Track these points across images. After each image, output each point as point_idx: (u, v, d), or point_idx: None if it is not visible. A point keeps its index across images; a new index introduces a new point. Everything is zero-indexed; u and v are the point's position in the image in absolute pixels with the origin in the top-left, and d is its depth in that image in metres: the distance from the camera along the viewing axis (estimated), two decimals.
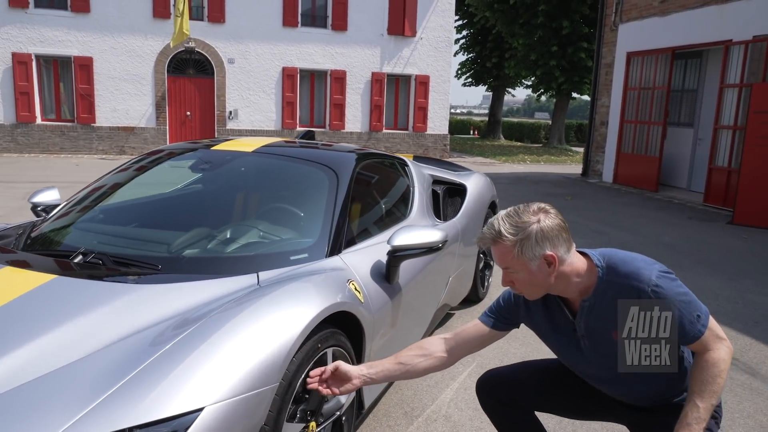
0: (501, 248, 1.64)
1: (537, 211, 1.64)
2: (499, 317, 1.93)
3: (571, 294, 1.71)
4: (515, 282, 1.69)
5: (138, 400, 1.44)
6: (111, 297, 1.91)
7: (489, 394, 2.01)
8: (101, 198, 2.93)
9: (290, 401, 1.76)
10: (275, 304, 1.83)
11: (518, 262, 1.63)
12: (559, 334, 1.83)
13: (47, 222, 2.74)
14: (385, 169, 3.50)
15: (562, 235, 1.64)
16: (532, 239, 1.60)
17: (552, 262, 1.62)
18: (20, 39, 15.19)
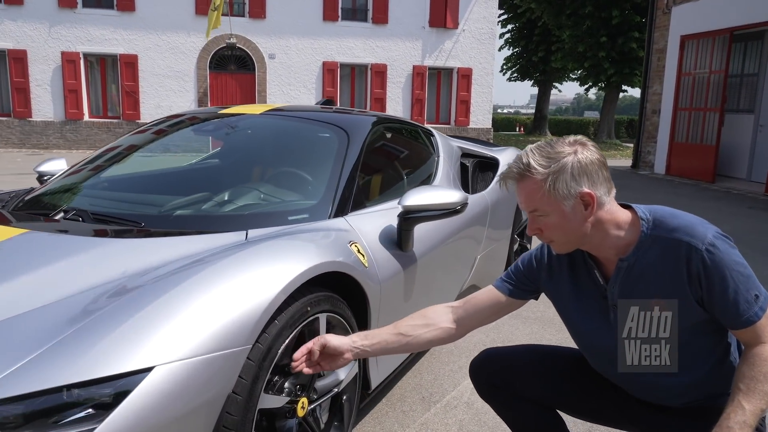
0: (529, 184, 1.35)
1: (573, 142, 1.37)
2: (516, 282, 1.63)
3: (607, 251, 1.41)
4: (543, 229, 1.40)
5: (77, 356, 1.23)
6: (78, 250, 1.71)
7: (483, 376, 1.71)
8: (101, 166, 2.76)
9: (269, 369, 1.52)
10: (254, 257, 1.59)
11: (549, 200, 1.34)
12: (584, 303, 1.51)
13: (44, 186, 2.60)
14: (406, 136, 3.24)
15: (602, 172, 1.35)
16: (567, 172, 1.32)
17: (590, 202, 1.34)
18: (69, 38, 15.60)
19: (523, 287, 1.62)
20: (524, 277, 1.62)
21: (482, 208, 3.27)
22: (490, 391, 1.71)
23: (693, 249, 1.29)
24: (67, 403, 1.18)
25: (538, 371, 1.67)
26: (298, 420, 1.71)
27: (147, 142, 2.91)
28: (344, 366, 1.57)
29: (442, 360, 2.95)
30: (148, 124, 3.09)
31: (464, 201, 2.27)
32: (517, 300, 1.63)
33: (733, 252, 1.31)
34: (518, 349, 1.76)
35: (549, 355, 1.74)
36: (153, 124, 3.02)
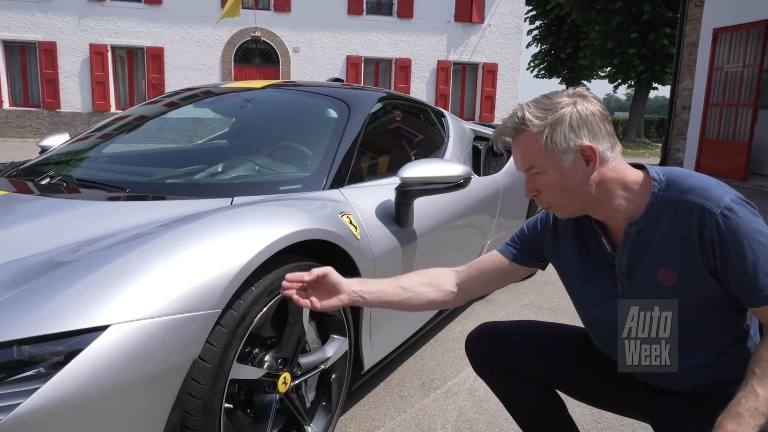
0: (524, 139, 1.24)
1: (572, 93, 1.25)
2: (521, 247, 1.51)
3: (614, 215, 1.28)
4: (541, 189, 1.27)
5: (29, 312, 1.15)
6: (52, 211, 1.65)
7: (478, 350, 1.58)
8: (98, 139, 2.71)
9: (243, 337, 1.42)
10: (231, 219, 1.49)
11: (546, 155, 1.22)
12: (590, 273, 1.38)
13: (40, 156, 2.56)
14: (415, 114, 3.12)
15: (604, 126, 1.23)
16: (565, 123, 1.20)
17: (591, 157, 1.21)
18: (97, 31, 15.81)
19: (528, 252, 1.50)
20: (529, 241, 1.50)
21: (492, 191, 3.14)
22: (486, 366, 1.58)
23: (706, 212, 1.16)
24: (17, 361, 1.11)
25: (538, 347, 1.54)
26: (279, 396, 1.62)
27: (151, 115, 2.86)
28: (337, 308, 1.44)
29: (447, 347, 2.83)
30: (146, 102, 3.03)
31: (467, 175, 2.15)
32: (521, 266, 1.52)
33: (755, 220, 1.16)
34: (518, 324, 1.63)
35: (551, 331, 1.61)
36: (149, 102, 2.96)
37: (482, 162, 3.52)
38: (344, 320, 1.84)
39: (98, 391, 1.13)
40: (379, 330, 2.10)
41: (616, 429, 2.13)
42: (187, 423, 1.32)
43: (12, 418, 1.04)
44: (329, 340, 1.84)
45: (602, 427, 2.14)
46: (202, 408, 1.33)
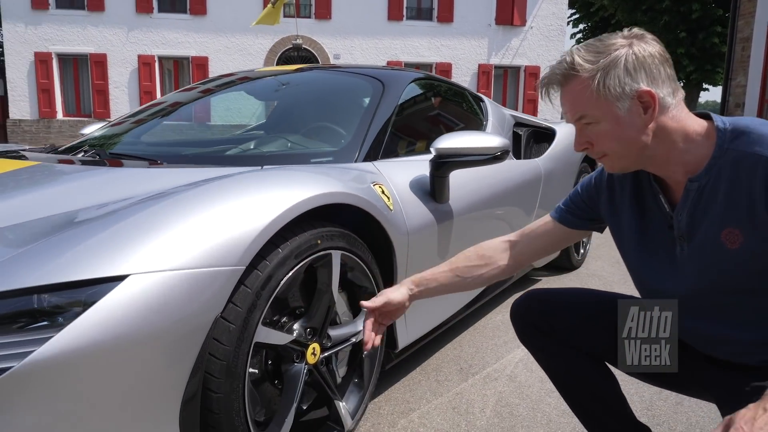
0: (573, 86, 1.12)
1: (628, 35, 1.12)
2: (574, 209, 1.41)
3: (674, 170, 1.15)
4: (593, 141, 1.15)
5: (48, 260, 1.12)
6: (83, 177, 1.64)
7: (524, 317, 1.46)
8: (139, 121, 2.74)
9: (269, 299, 1.37)
10: (258, 180, 1.45)
11: (598, 103, 1.10)
12: (647, 235, 1.26)
13: (79, 138, 2.60)
14: (452, 97, 3.04)
15: (665, 69, 1.10)
16: (619, 66, 1.08)
17: (650, 103, 1.08)
18: (145, 42, 16.32)
19: (582, 214, 1.40)
20: (583, 202, 1.39)
21: (533, 175, 3.03)
22: (531, 333, 1.45)
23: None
24: (35, 309, 1.08)
25: (590, 316, 1.41)
26: (308, 367, 1.56)
27: (189, 100, 2.88)
28: (401, 314, 1.44)
29: (487, 335, 2.72)
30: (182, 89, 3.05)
31: (505, 147, 2.05)
32: (575, 230, 1.42)
33: None
34: (569, 291, 1.51)
35: (605, 299, 1.45)
36: (187, 89, 2.98)
37: (523, 147, 3.41)
38: (377, 293, 1.77)
39: (115, 342, 1.09)
40: (415, 308, 2.00)
41: (668, 417, 1.98)
42: (209, 385, 1.27)
43: (26, 365, 1.01)
44: (361, 313, 1.77)
45: (653, 414, 2.00)
46: (226, 370, 1.28)
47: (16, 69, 15.99)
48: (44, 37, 15.90)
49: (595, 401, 1.45)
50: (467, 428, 1.89)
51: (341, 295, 1.74)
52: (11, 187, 1.58)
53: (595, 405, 1.45)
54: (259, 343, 1.37)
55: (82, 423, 1.09)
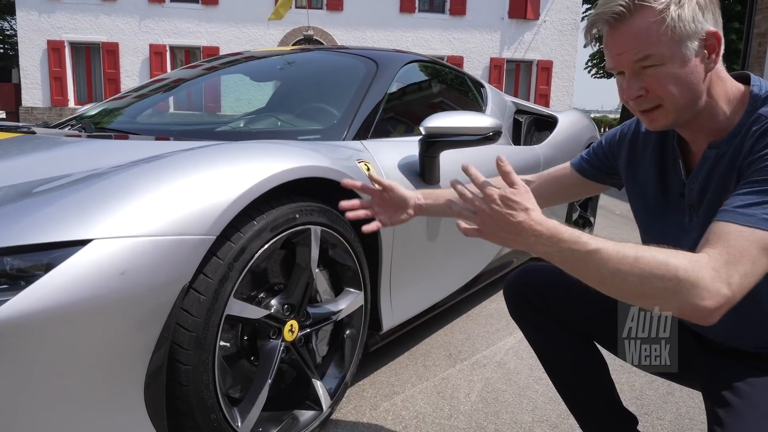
0: (641, 19, 0.97)
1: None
2: (593, 159, 1.36)
3: (700, 133, 1.08)
4: (653, 85, 1.00)
5: (12, 223, 1.10)
6: (60, 147, 1.62)
7: (517, 291, 1.40)
8: (136, 98, 2.72)
9: (242, 271, 1.34)
10: (234, 150, 1.42)
11: (670, 40, 0.96)
12: (660, 200, 1.19)
13: (74, 114, 2.59)
14: (451, 80, 3.00)
15: (718, 13, 1.01)
16: (695, 1, 0.96)
17: (715, 47, 0.98)
18: (156, 31, 16.36)
19: (600, 166, 1.35)
20: (603, 155, 1.33)
21: (531, 161, 2.98)
22: (523, 309, 1.40)
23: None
24: None
25: (584, 293, 1.35)
26: (285, 344, 1.53)
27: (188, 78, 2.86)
28: (403, 221, 1.40)
29: (480, 322, 2.69)
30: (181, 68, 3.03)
31: (497, 128, 2.01)
32: (590, 181, 1.38)
33: None
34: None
35: None
36: (185, 67, 2.96)
37: (523, 134, 3.36)
38: (359, 273, 1.74)
39: (77, 307, 1.06)
40: (402, 289, 1.99)
41: (657, 406, 1.94)
42: (177, 356, 1.25)
43: None
44: (343, 292, 1.74)
45: (642, 403, 1.96)
46: (195, 342, 1.26)
47: (30, 57, 16.10)
48: (57, 25, 15.99)
49: (582, 383, 1.40)
50: (450, 412, 1.86)
51: (323, 273, 1.71)
52: None
53: (581, 387, 1.41)
54: (231, 315, 1.35)
55: (40, 388, 1.07)
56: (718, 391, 1.12)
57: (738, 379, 1.11)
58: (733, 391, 1.09)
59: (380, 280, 1.86)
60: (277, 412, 1.60)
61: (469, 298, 2.88)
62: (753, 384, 1.08)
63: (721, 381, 1.13)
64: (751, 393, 1.07)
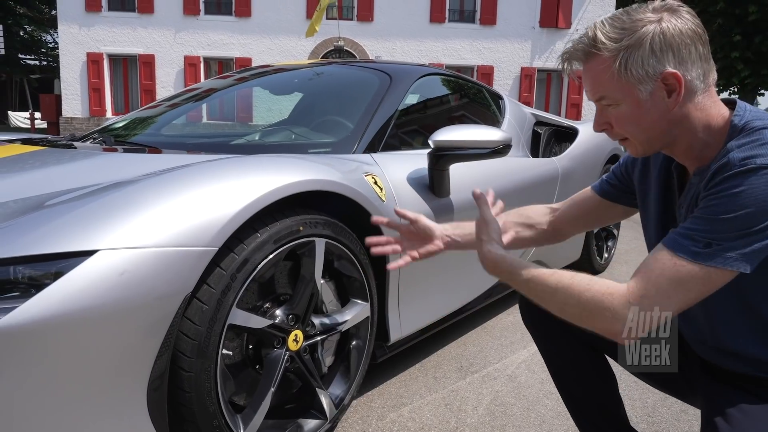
0: (594, 65, 1.03)
1: (659, 8, 1.01)
2: (611, 179, 1.36)
3: (688, 159, 1.09)
4: (613, 122, 1.07)
5: (22, 234, 1.16)
6: (74, 161, 1.70)
7: (530, 301, 1.41)
8: (157, 112, 2.81)
9: (244, 282, 1.38)
10: (237, 164, 1.46)
11: (620, 85, 1.01)
12: (661, 220, 1.21)
13: (99, 127, 2.69)
14: (467, 93, 3.01)
15: (697, 48, 0.99)
16: (645, 46, 0.98)
17: (675, 87, 0.99)
18: (191, 43, 16.76)
19: (619, 185, 1.35)
20: (622, 174, 1.34)
21: (549, 174, 2.97)
22: (535, 316, 1.42)
23: (730, 163, 0.94)
24: (11, 280, 1.12)
25: None
26: (290, 353, 1.57)
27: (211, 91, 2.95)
28: (434, 253, 1.37)
29: (493, 335, 2.68)
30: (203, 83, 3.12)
31: (506, 141, 2.02)
32: (611, 203, 1.37)
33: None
34: None
35: None
36: (202, 84, 3.04)
37: (542, 146, 3.35)
38: (365, 284, 1.77)
39: (82, 314, 1.12)
40: (410, 301, 2.01)
41: (669, 424, 1.91)
42: (180, 363, 1.29)
43: None
44: (349, 303, 1.77)
45: (654, 420, 1.93)
46: (197, 349, 1.30)
47: (70, 69, 16.68)
48: (96, 38, 16.54)
49: (588, 396, 1.40)
50: (456, 425, 1.86)
51: (329, 284, 1.74)
52: (10, 169, 1.65)
53: (586, 398, 1.41)
54: (234, 325, 1.39)
55: (46, 392, 1.12)
56: (712, 416, 1.11)
57: (732, 405, 1.10)
58: (726, 417, 1.09)
59: (388, 292, 1.88)
60: (281, 420, 1.63)
61: (484, 310, 2.88)
62: (746, 412, 1.08)
63: (716, 405, 1.13)
64: (743, 421, 1.06)
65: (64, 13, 16.39)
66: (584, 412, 1.43)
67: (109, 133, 2.42)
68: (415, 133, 2.42)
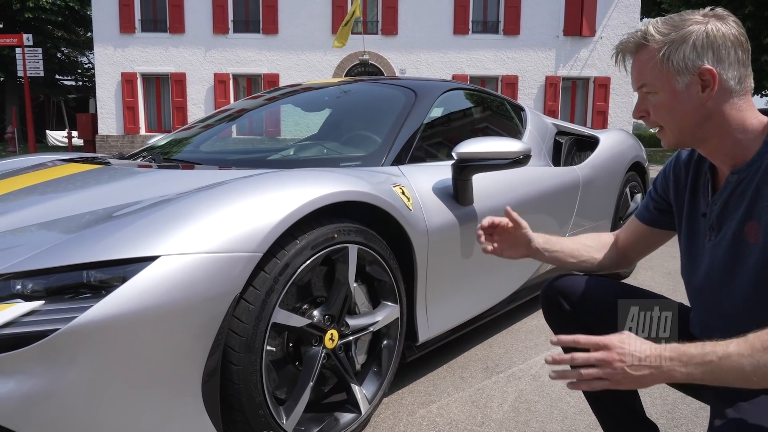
0: (642, 55, 1.16)
1: (709, 13, 1.13)
2: (648, 202, 1.45)
3: (722, 158, 1.19)
4: (650, 110, 1.18)
5: (95, 242, 1.33)
6: (132, 177, 1.88)
7: (552, 294, 1.51)
8: (199, 130, 3.00)
9: (286, 284, 1.53)
10: (278, 177, 1.62)
11: (660, 73, 1.13)
12: (692, 224, 1.30)
13: (144, 146, 2.88)
14: (489, 106, 3.14)
15: (737, 53, 1.10)
16: (688, 42, 1.10)
17: (709, 82, 1.10)
18: (221, 61, 17.22)
19: (656, 206, 1.43)
20: (657, 194, 1.43)
21: (570, 182, 3.06)
22: (554, 313, 1.51)
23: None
24: (84, 283, 1.28)
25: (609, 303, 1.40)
26: (326, 351, 1.70)
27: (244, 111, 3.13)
28: (513, 258, 1.51)
29: (519, 337, 2.78)
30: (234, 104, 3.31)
31: (526, 152, 2.14)
32: (654, 229, 1.46)
33: None
34: (601, 279, 1.53)
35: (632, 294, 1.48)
36: (238, 103, 3.22)
37: (563, 155, 3.45)
38: (395, 288, 1.89)
39: (146, 313, 1.27)
40: (437, 304, 2.13)
41: (688, 420, 1.99)
42: (230, 357, 1.44)
43: (69, 327, 1.20)
44: (380, 305, 1.90)
45: (674, 416, 2.01)
46: (245, 345, 1.45)
47: (105, 88, 17.28)
48: (130, 58, 17.13)
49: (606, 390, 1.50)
50: (482, 420, 1.97)
51: (361, 287, 1.87)
52: (76, 185, 1.84)
53: (607, 392, 1.50)
54: (277, 323, 1.53)
55: (115, 383, 1.27)
56: (722, 407, 1.18)
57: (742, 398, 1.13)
58: (736, 408, 1.15)
59: (416, 295, 2.00)
60: (319, 414, 1.77)
61: (510, 314, 2.98)
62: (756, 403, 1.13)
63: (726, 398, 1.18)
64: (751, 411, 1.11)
65: (100, 35, 17.03)
66: (605, 406, 1.53)
67: (157, 150, 2.61)
68: (439, 145, 2.56)
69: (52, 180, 1.98)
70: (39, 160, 2.46)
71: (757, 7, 19.19)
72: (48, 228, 1.52)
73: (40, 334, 1.20)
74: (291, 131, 3.70)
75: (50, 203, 1.70)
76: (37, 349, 1.20)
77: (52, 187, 1.91)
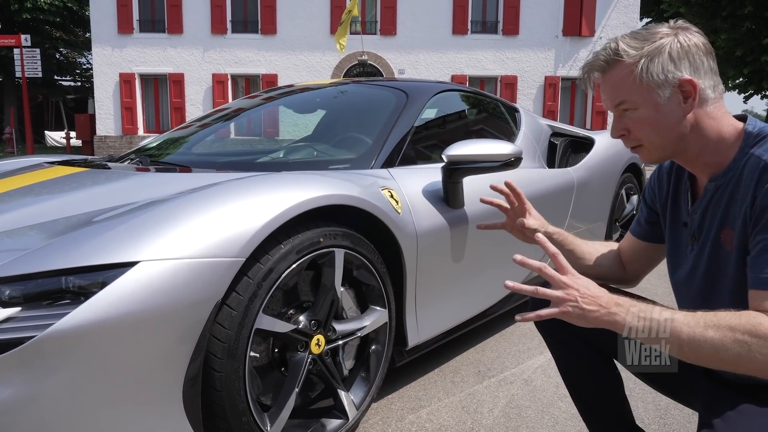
0: (616, 72, 1.13)
1: (674, 26, 1.13)
2: (639, 216, 1.44)
3: (700, 167, 1.18)
4: (631, 128, 1.16)
5: (72, 249, 1.31)
6: (114, 181, 1.86)
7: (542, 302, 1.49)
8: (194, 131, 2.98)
9: (269, 289, 1.50)
10: (263, 181, 1.59)
11: (640, 89, 1.11)
12: (674, 231, 1.29)
13: (134, 148, 2.86)
14: (482, 107, 3.12)
15: (708, 61, 1.11)
16: (664, 53, 1.09)
17: (690, 92, 1.10)
18: (219, 61, 17.21)
19: (650, 220, 1.41)
20: (646, 206, 1.42)
21: (564, 184, 3.04)
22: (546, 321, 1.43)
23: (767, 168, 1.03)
24: (63, 289, 1.26)
25: None
26: (312, 356, 1.68)
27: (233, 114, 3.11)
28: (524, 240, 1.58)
29: (512, 341, 2.76)
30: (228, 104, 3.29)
31: (517, 154, 2.12)
32: (647, 243, 1.43)
33: None
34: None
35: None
36: (227, 105, 3.20)
37: (558, 157, 3.43)
38: (383, 292, 1.87)
39: (126, 318, 1.25)
40: (427, 307, 2.11)
41: (680, 425, 1.97)
42: (212, 364, 1.42)
43: (46, 334, 1.18)
44: (368, 309, 1.88)
45: (666, 422, 1.99)
46: (227, 351, 1.43)
47: (103, 89, 17.26)
48: (128, 59, 17.11)
49: (596, 393, 1.48)
50: (472, 426, 1.95)
51: (348, 292, 1.85)
52: (56, 189, 1.82)
53: (595, 397, 1.48)
54: (261, 329, 1.51)
55: (95, 390, 1.25)
56: (710, 416, 1.18)
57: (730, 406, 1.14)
58: (723, 417, 1.14)
59: (405, 300, 1.98)
60: (306, 420, 1.75)
61: (503, 318, 2.95)
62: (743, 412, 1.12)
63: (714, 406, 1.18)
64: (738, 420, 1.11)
65: (98, 36, 17.01)
66: (593, 411, 1.51)
67: (145, 153, 2.59)
68: (431, 147, 2.54)
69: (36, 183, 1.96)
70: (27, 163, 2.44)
71: (757, 7, 19.18)
72: (27, 233, 1.50)
73: (17, 341, 1.18)
74: (289, 132, 3.68)
75: (35, 206, 1.68)
76: (15, 356, 1.18)
77: (36, 190, 1.89)
